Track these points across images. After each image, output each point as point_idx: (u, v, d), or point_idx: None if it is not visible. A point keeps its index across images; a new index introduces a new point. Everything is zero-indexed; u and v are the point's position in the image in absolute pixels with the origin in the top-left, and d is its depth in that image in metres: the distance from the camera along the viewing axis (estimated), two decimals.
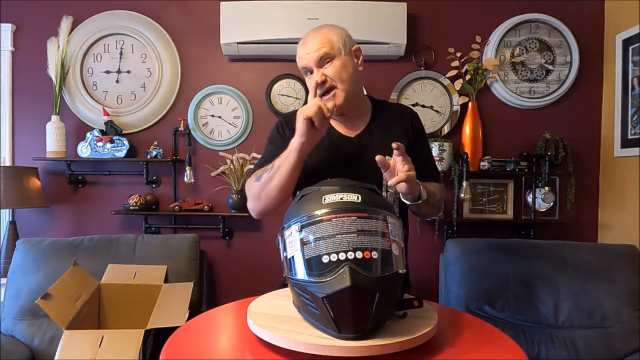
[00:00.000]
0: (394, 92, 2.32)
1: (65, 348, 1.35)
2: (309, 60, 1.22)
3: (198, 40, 2.36)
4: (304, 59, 1.23)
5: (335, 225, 0.76)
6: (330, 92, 1.21)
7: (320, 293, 0.73)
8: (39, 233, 2.32)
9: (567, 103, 2.33)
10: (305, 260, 0.77)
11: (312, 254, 0.76)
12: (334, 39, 1.22)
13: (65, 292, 1.54)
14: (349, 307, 0.72)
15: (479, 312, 1.84)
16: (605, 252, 1.91)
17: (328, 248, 0.75)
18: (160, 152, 2.28)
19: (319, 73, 1.20)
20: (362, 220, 0.77)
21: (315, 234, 0.77)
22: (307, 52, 1.21)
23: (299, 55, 1.25)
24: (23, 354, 1.74)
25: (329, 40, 1.22)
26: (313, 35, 1.23)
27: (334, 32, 1.24)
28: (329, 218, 0.77)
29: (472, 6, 2.34)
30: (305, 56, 1.22)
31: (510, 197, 2.32)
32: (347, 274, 0.72)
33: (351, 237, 0.75)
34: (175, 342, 0.82)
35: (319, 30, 1.24)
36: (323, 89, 1.21)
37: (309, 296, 0.76)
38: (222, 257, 2.37)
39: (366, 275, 0.73)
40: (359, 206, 0.80)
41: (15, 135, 2.37)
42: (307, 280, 0.76)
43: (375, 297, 0.73)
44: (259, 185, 1.20)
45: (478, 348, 0.84)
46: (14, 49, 2.36)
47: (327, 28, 1.25)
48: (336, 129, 1.31)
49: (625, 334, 1.76)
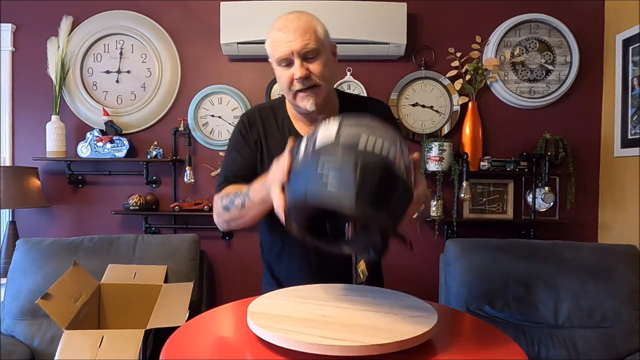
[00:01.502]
0: (394, 92, 2.32)
1: (65, 348, 1.35)
2: (291, 48, 1.06)
3: (198, 40, 2.36)
4: (284, 47, 1.07)
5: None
6: (310, 89, 1.10)
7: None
8: (39, 233, 2.32)
9: (567, 103, 2.33)
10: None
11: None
12: (319, 31, 1.10)
13: (65, 292, 1.54)
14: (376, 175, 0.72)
15: (479, 312, 1.84)
16: (605, 252, 1.91)
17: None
18: (160, 152, 2.28)
19: (302, 67, 1.07)
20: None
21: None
22: (290, 40, 1.06)
23: (276, 40, 1.09)
24: (23, 354, 1.74)
25: (315, 31, 1.09)
26: (295, 21, 1.08)
27: (317, 22, 1.11)
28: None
29: (472, 6, 2.34)
30: (287, 43, 1.07)
31: (510, 197, 2.32)
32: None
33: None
34: (175, 342, 0.82)
35: (300, 16, 1.10)
36: (304, 85, 1.09)
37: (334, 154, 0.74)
38: (222, 257, 2.36)
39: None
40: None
41: (15, 135, 2.37)
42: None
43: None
44: (228, 213, 1.10)
45: (478, 348, 0.84)
46: (14, 49, 2.36)
47: (309, 16, 1.12)
48: (300, 132, 1.18)
49: (625, 334, 1.76)
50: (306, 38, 1.07)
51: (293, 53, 1.07)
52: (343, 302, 0.92)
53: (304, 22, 1.09)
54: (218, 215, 1.14)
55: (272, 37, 1.10)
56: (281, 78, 1.12)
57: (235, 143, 1.21)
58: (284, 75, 1.10)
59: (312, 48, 1.07)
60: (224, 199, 1.12)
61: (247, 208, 1.06)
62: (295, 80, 1.09)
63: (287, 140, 1.09)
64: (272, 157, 1.13)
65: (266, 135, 1.20)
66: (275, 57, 1.10)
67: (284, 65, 1.10)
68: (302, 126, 1.20)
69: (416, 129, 2.34)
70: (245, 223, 1.11)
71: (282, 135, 1.19)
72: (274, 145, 1.18)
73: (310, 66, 1.09)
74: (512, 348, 0.82)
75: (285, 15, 1.11)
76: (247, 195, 1.05)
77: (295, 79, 1.09)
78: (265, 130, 1.20)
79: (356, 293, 0.99)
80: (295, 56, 1.07)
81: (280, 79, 1.13)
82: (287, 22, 1.09)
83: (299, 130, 1.19)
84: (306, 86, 1.09)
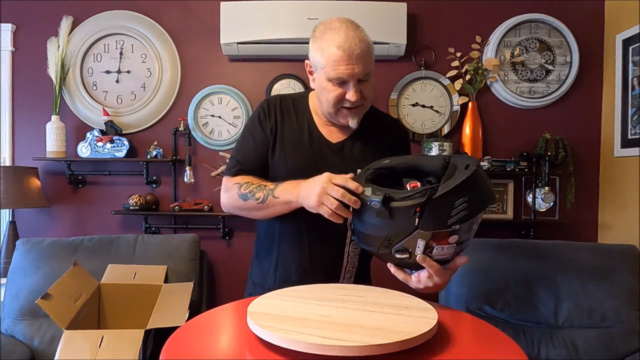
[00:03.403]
0: (394, 92, 2.32)
1: (65, 348, 1.35)
2: (352, 73, 1.07)
3: (198, 40, 2.36)
4: (346, 70, 1.06)
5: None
6: (356, 108, 1.13)
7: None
8: (39, 233, 2.32)
9: (567, 103, 2.33)
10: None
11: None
12: (374, 54, 1.11)
13: (65, 292, 1.54)
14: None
15: (479, 312, 1.84)
16: (605, 252, 1.91)
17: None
18: (160, 152, 2.28)
19: (357, 91, 1.09)
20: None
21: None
22: (353, 64, 1.06)
23: (336, 59, 1.06)
24: (23, 354, 1.74)
25: (372, 56, 1.10)
26: (359, 44, 1.07)
27: (371, 43, 1.11)
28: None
29: (472, 6, 2.34)
30: (349, 67, 1.06)
31: (510, 197, 2.32)
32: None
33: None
34: (175, 342, 0.82)
35: (361, 38, 1.08)
36: (354, 104, 1.11)
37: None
38: (222, 257, 2.36)
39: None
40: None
41: (15, 135, 2.37)
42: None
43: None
44: (244, 202, 1.13)
45: (478, 348, 0.84)
46: (14, 49, 2.36)
47: (367, 38, 1.10)
48: (320, 130, 1.22)
49: (625, 334, 1.76)
50: (367, 65, 1.09)
51: (353, 77, 1.08)
52: (343, 302, 0.92)
53: (366, 45, 1.08)
54: (231, 198, 1.16)
55: (329, 52, 1.07)
56: (329, 93, 1.11)
57: (251, 127, 1.23)
58: (334, 92, 1.10)
59: (368, 72, 1.10)
60: (242, 187, 1.13)
61: (268, 204, 1.10)
62: (346, 100, 1.10)
63: (304, 133, 1.19)
64: (285, 146, 1.19)
65: (283, 123, 1.21)
66: (331, 75, 1.09)
67: (336, 83, 1.09)
68: (323, 123, 1.23)
69: (416, 129, 2.34)
70: (256, 216, 1.17)
71: (300, 127, 1.22)
72: (288, 135, 1.20)
73: (362, 89, 1.11)
74: (512, 348, 0.82)
75: (344, 30, 1.08)
76: (272, 193, 1.09)
77: (349, 100, 1.10)
78: (283, 119, 1.22)
79: (356, 293, 0.99)
80: (354, 80, 1.08)
81: (326, 93, 1.12)
82: (349, 41, 1.06)
83: (319, 126, 1.22)
84: (355, 106, 1.12)
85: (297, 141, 1.20)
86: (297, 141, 1.20)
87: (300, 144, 1.19)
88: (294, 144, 1.20)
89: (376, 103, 2.32)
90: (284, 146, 1.20)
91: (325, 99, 1.13)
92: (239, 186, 1.14)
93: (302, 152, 1.19)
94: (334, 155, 1.20)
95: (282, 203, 1.08)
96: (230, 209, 1.19)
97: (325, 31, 1.11)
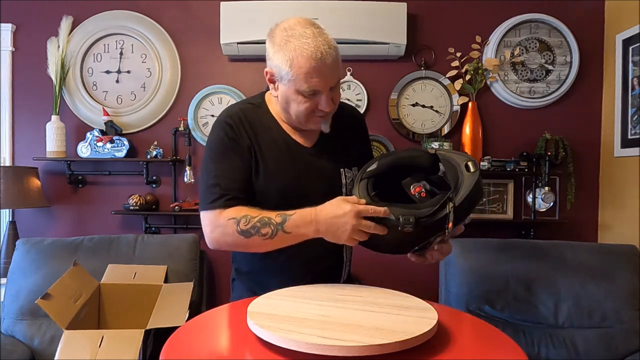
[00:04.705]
0: (394, 92, 2.32)
1: (65, 348, 1.35)
2: (327, 84, 1.03)
3: (198, 40, 2.36)
4: (320, 82, 1.01)
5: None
6: (327, 114, 1.09)
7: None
8: (39, 233, 2.32)
9: (567, 103, 2.33)
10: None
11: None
12: (339, 54, 1.06)
13: (65, 292, 1.54)
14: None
15: (479, 312, 1.84)
16: (605, 252, 1.91)
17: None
18: (160, 152, 2.28)
19: (330, 100, 1.05)
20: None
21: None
22: (327, 75, 1.02)
23: (308, 70, 1.00)
24: (23, 354, 1.74)
25: (339, 56, 1.05)
26: (329, 51, 1.01)
27: (334, 42, 1.06)
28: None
29: (472, 6, 2.34)
30: (323, 78, 1.01)
31: (510, 197, 2.32)
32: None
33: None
34: (175, 342, 0.82)
35: (330, 43, 1.03)
36: (326, 113, 1.08)
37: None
38: (222, 257, 2.36)
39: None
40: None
41: (15, 135, 2.37)
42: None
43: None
44: (246, 239, 1.00)
45: (478, 348, 0.84)
46: (14, 49, 2.36)
47: (335, 44, 1.05)
48: (292, 136, 1.15)
49: (625, 334, 1.76)
50: (339, 72, 1.06)
51: (326, 88, 1.03)
52: (343, 302, 0.92)
53: (335, 50, 1.03)
54: (225, 236, 1.03)
55: (299, 64, 0.99)
56: (299, 105, 1.05)
57: (222, 148, 1.09)
58: (304, 104, 1.04)
59: (339, 79, 1.08)
60: (241, 223, 1.00)
61: (277, 239, 1.00)
62: (319, 110, 1.06)
63: (279, 144, 1.14)
64: (267, 163, 1.10)
65: (257, 139, 1.11)
66: (302, 88, 1.02)
67: (307, 95, 1.03)
68: (291, 130, 1.16)
69: (416, 129, 2.34)
70: (258, 251, 1.06)
71: (274, 139, 1.13)
72: (267, 151, 1.11)
73: (333, 96, 1.07)
74: (512, 348, 0.82)
75: (311, 37, 1.01)
76: (282, 228, 0.99)
77: (323, 110, 1.06)
78: (255, 134, 1.11)
79: (356, 293, 0.99)
80: (326, 90, 1.04)
81: (296, 105, 1.06)
82: (319, 50, 1.00)
83: (289, 133, 1.15)
84: (326, 114, 1.08)
85: (277, 156, 1.12)
86: (277, 156, 1.12)
87: (281, 159, 1.12)
88: (276, 160, 1.11)
89: (376, 103, 2.35)
90: (266, 164, 1.10)
91: (294, 110, 1.07)
92: (236, 222, 1.01)
93: (287, 166, 1.12)
94: (316, 159, 1.15)
95: (295, 237, 1.00)
96: (223, 247, 1.06)
97: (288, 39, 1.02)
